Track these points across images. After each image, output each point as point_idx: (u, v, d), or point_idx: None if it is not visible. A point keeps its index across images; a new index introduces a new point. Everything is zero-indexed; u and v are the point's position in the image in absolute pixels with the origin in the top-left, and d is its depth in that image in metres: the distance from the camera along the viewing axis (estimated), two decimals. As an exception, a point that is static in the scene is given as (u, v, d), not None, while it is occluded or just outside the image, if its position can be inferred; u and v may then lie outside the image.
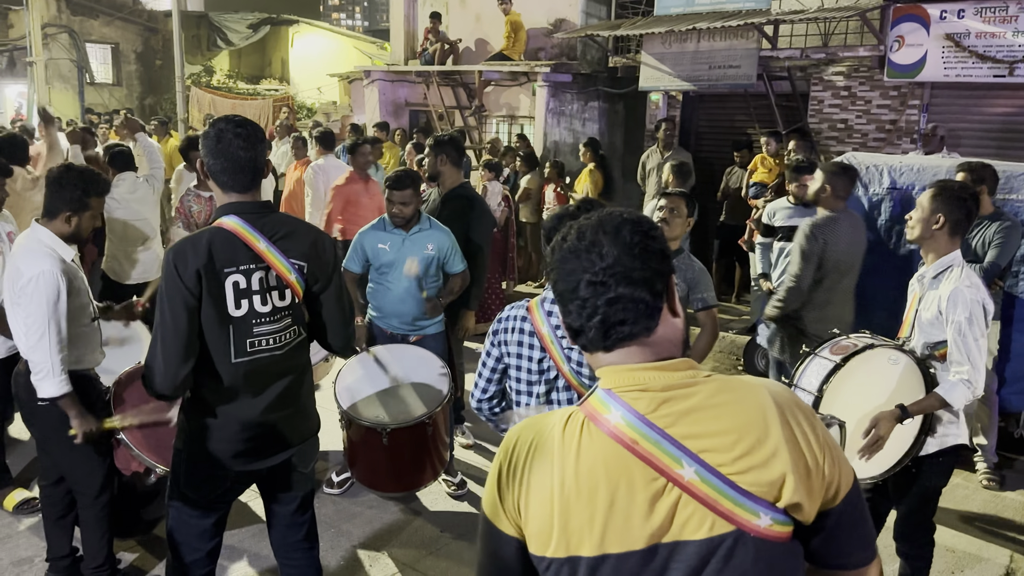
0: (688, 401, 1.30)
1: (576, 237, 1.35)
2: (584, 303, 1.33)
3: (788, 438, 1.28)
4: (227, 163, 2.51)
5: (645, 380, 1.32)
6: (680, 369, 1.34)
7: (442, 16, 12.79)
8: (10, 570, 3.71)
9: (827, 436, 1.34)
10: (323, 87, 21.82)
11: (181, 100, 17.59)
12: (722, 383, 1.34)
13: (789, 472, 1.26)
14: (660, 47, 9.83)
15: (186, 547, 2.71)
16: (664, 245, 1.37)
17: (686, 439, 1.28)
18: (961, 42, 8.15)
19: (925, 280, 3.20)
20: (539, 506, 1.34)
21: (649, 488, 1.28)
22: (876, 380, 3.10)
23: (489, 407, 2.90)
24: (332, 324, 2.75)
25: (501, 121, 12.66)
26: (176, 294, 2.42)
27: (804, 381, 3.12)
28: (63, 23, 21.62)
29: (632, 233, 1.33)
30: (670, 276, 1.38)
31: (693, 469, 1.26)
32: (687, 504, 1.27)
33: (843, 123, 9.38)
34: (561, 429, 1.36)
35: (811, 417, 1.34)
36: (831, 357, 3.09)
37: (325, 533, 3.43)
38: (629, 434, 1.30)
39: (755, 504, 1.26)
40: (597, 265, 1.31)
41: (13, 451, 4.76)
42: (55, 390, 3.12)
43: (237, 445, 2.61)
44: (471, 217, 4.89)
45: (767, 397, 1.32)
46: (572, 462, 1.32)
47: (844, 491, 1.33)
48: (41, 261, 3.11)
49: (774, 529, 1.27)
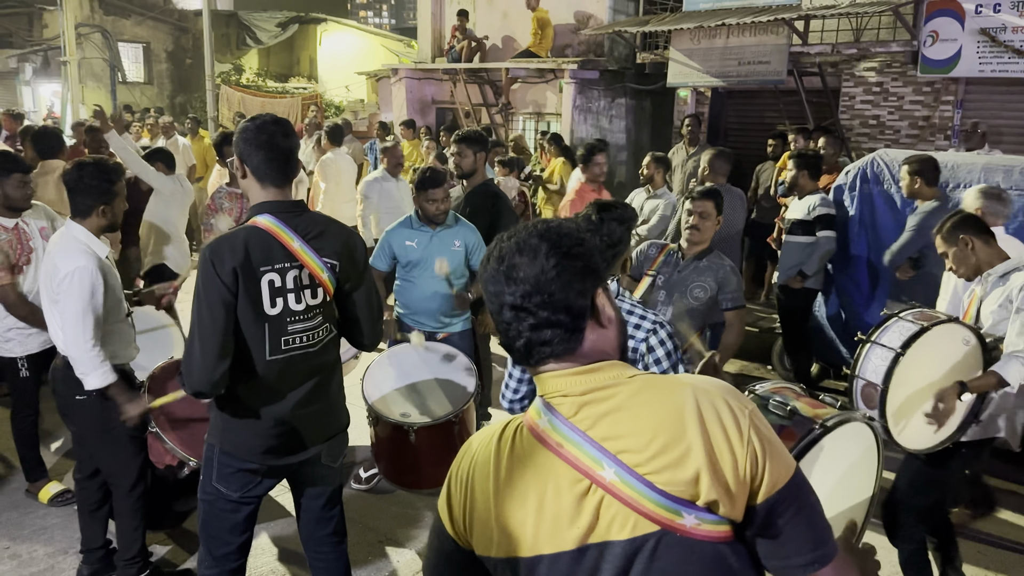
0: (607, 403, 1.31)
1: (496, 260, 1.36)
2: (508, 326, 1.36)
3: (703, 435, 1.25)
4: (269, 153, 2.55)
5: (567, 386, 1.34)
6: (603, 371, 1.35)
7: (469, 14, 12.81)
8: (45, 561, 3.78)
9: (758, 429, 1.27)
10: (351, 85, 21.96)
11: (211, 98, 17.79)
12: (645, 383, 1.33)
13: (703, 469, 1.23)
14: (689, 43, 9.77)
15: (218, 540, 2.74)
16: (589, 260, 1.36)
17: (605, 440, 1.29)
18: (997, 37, 8.01)
19: (989, 280, 3.28)
20: (481, 509, 1.39)
21: (574, 489, 1.30)
22: (947, 354, 3.09)
23: (521, 407, 2.90)
24: (362, 321, 2.77)
25: (528, 118, 12.65)
26: (214, 292, 2.44)
27: (885, 338, 3.06)
28: (96, 23, 21.96)
29: (548, 255, 1.32)
30: (595, 291, 1.37)
31: (613, 470, 1.27)
32: (610, 504, 1.28)
33: (875, 119, 9.26)
34: (499, 435, 1.41)
35: (738, 412, 1.27)
36: (916, 321, 3.06)
37: (352, 528, 3.45)
38: (554, 438, 1.33)
39: (675, 503, 1.24)
40: (516, 291, 1.33)
41: (47, 444, 4.85)
42: (101, 381, 3.18)
43: (268, 440, 2.64)
44: (495, 213, 4.92)
45: (688, 395, 1.28)
46: (505, 466, 1.37)
47: (778, 485, 1.26)
48: (77, 258, 3.17)
49: (703, 528, 1.25)
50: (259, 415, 2.62)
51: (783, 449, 1.31)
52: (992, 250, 3.31)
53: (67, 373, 3.28)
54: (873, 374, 3.00)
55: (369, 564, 3.83)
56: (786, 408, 2.07)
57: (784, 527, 1.26)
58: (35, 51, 21.56)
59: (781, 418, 2.05)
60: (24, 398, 4.29)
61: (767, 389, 2.21)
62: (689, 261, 3.94)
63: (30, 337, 4.08)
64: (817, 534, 1.28)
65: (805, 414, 2.05)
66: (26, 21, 22.57)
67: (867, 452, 2.09)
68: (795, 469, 1.30)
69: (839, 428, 1.98)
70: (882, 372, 2.95)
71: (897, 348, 2.96)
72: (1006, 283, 3.20)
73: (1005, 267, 3.26)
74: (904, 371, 2.95)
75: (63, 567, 3.73)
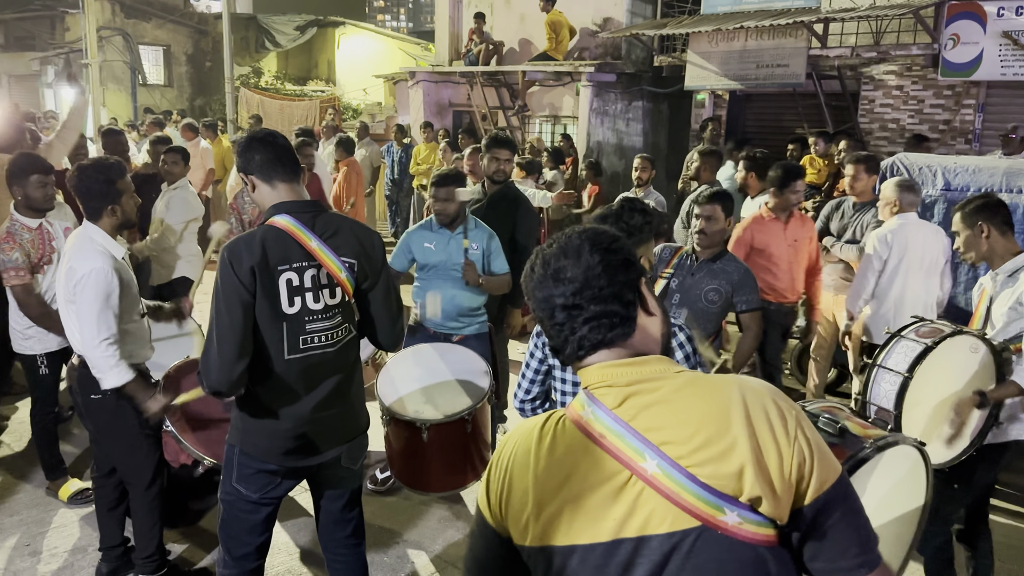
0: (652, 395, 1.32)
1: (542, 266, 1.42)
2: (562, 327, 1.40)
3: (749, 430, 1.25)
4: (265, 152, 2.59)
5: (612, 376, 1.36)
6: (650, 364, 1.37)
7: (486, 17, 12.83)
8: (66, 558, 3.81)
9: (804, 431, 1.27)
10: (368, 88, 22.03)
11: (230, 101, 17.91)
12: (691, 378, 1.34)
13: (748, 463, 1.22)
14: (707, 46, 9.73)
15: (237, 541, 2.75)
16: (628, 254, 1.43)
17: (648, 431, 1.29)
18: (1020, 40, 7.94)
19: (999, 278, 3.23)
20: (519, 498, 1.41)
21: (614, 481, 1.30)
22: (957, 366, 3.06)
23: (532, 408, 2.90)
24: (381, 322, 2.78)
25: (544, 121, 12.65)
26: (232, 291, 2.45)
27: (891, 362, 3.04)
28: (117, 26, 22.17)
29: (592, 252, 1.39)
30: (639, 281, 1.43)
31: (655, 462, 1.27)
32: (650, 498, 1.27)
33: (895, 123, 9.19)
34: (541, 426, 1.44)
35: (786, 412, 1.28)
36: (920, 340, 3.03)
37: (369, 530, 3.45)
38: (597, 428, 1.34)
39: (718, 499, 1.23)
40: (567, 290, 1.38)
41: (67, 443, 4.89)
42: (117, 380, 3.20)
43: (288, 442, 2.65)
44: (517, 216, 4.95)
45: (735, 392, 1.29)
46: (546, 455, 1.39)
47: (826, 486, 1.26)
48: (93, 259, 3.19)
49: (746, 528, 1.23)
50: (279, 416, 2.62)
51: (829, 451, 1.30)
52: (1007, 243, 3.25)
53: (83, 372, 3.30)
54: (884, 399, 2.97)
55: (386, 565, 3.84)
56: (836, 426, 2.02)
57: (831, 529, 1.26)
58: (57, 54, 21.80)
59: (831, 436, 2.00)
60: (44, 395, 4.33)
61: (817, 407, 2.16)
62: (703, 264, 3.93)
63: (49, 335, 4.12)
64: (863, 538, 1.28)
65: (856, 433, 2.00)
66: (48, 24, 22.84)
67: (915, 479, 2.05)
68: (841, 471, 1.29)
69: (889, 450, 1.94)
70: (892, 397, 2.93)
71: (904, 372, 2.94)
72: (1015, 283, 3.15)
73: (1014, 265, 3.20)
74: (915, 392, 2.93)
75: (82, 564, 3.76)
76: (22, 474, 4.63)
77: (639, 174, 6.90)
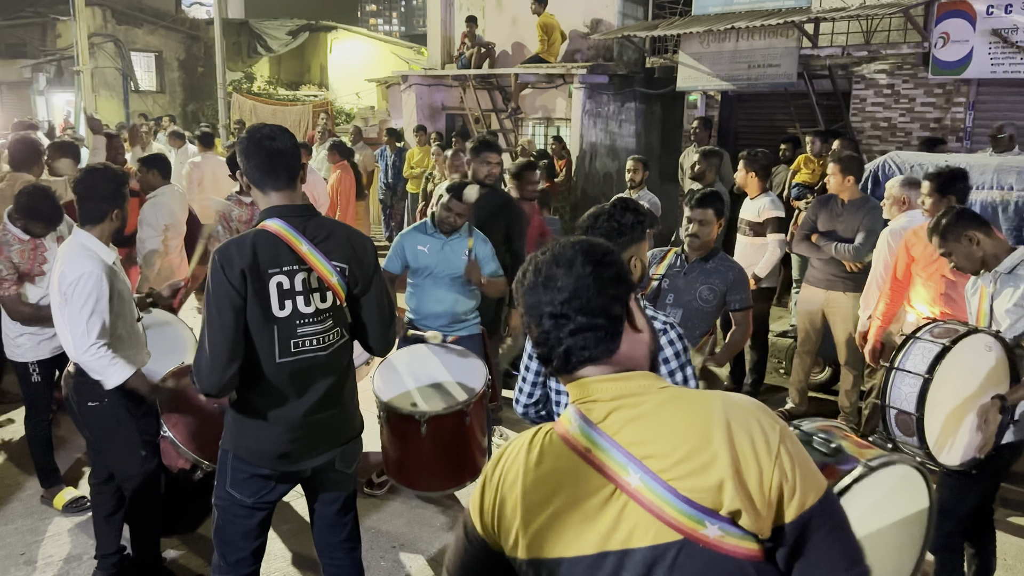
0: (636, 409, 1.34)
1: (534, 272, 1.43)
2: (548, 335, 1.40)
3: (730, 445, 1.25)
4: (258, 159, 2.56)
5: (598, 391, 1.38)
6: (634, 380, 1.38)
7: (478, 20, 12.84)
8: (61, 567, 3.80)
9: (787, 447, 1.27)
10: (361, 92, 22.05)
11: (223, 106, 17.89)
12: (675, 393, 1.36)
13: (727, 477, 1.23)
14: (698, 47, 9.76)
15: (232, 546, 2.75)
16: (620, 268, 1.44)
17: (631, 445, 1.30)
18: (1009, 38, 7.97)
19: (999, 275, 3.19)
20: (509, 511, 1.42)
21: (600, 495, 1.32)
22: (974, 365, 3.03)
23: (535, 411, 2.90)
24: (373, 326, 2.77)
25: (537, 124, 12.66)
26: (223, 294, 2.46)
27: (909, 364, 3.01)
28: (109, 32, 22.14)
29: (584, 264, 1.40)
30: (628, 297, 1.44)
31: (638, 476, 1.28)
32: (634, 511, 1.29)
33: (886, 122, 9.22)
34: (529, 439, 1.46)
35: (768, 429, 1.28)
36: (936, 340, 3.00)
37: (365, 533, 3.45)
38: (583, 442, 1.36)
39: (698, 512, 1.24)
40: (556, 298, 1.39)
41: (61, 451, 4.87)
42: (120, 376, 3.21)
43: (281, 446, 2.65)
44: (509, 219, 4.97)
45: (717, 407, 1.30)
46: (533, 469, 1.41)
47: (810, 502, 1.26)
48: (83, 264, 3.19)
49: (727, 542, 1.24)
50: (271, 420, 2.62)
51: (814, 468, 1.30)
52: (996, 241, 3.22)
53: (79, 380, 3.30)
54: (905, 402, 2.94)
55: (382, 569, 3.83)
56: (830, 445, 1.97)
57: (817, 546, 1.26)
58: (49, 61, 21.75)
59: (824, 455, 1.94)
60: (37, 403, 4.31)
61: (813, 427, 2.11)
62: (695, 264, 3.95)
63: (41, 344, 4.12)
64: (851, 554, 1.28)
65: (850, 452, 1.95)
66: (40, 31, 22.81)
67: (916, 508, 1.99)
68: (826, 488, 1.29)
69: (884, 470, 1.88)
70: (914, 399, 2.90)
71: (924, 374, 2.91)
72: (1017, 280, 3.12)
73: (1011, 261, 3.16)
74: (935, 394, 2.90)
75: (78, 573, 3.75)
76: (16, 483, 4.61)
77: (632, 175, 6.90)
